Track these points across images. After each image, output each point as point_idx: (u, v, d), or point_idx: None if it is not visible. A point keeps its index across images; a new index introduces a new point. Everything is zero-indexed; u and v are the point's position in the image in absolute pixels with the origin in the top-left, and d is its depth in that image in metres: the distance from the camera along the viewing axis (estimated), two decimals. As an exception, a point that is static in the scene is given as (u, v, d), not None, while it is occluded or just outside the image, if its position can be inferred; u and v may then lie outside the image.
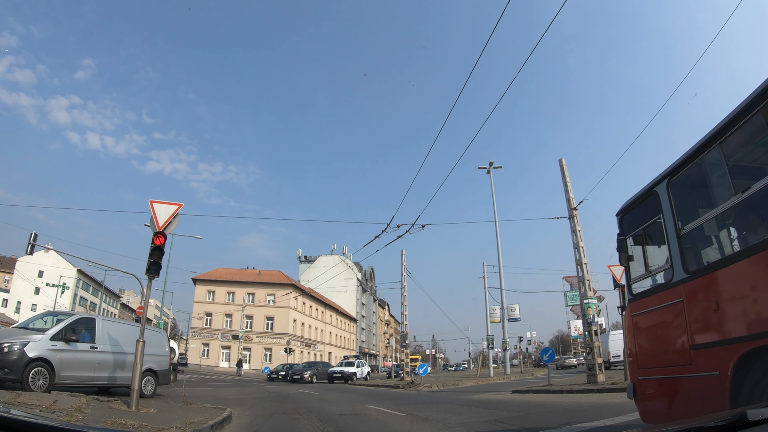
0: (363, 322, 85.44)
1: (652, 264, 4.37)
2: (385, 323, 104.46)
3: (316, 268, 74.13)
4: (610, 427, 6.40)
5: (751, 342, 2.92)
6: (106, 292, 74.40)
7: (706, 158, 3.59)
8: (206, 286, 54.18)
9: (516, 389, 15.81)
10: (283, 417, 9.41)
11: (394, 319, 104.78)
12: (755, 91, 3.03)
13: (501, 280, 27.34)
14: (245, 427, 7.70)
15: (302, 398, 14.79)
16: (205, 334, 52.53)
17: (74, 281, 64.08)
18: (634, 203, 4.57)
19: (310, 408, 11.06)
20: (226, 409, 8.68)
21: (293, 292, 55.25)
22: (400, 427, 7.90)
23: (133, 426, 5.81)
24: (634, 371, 4.49)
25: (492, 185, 26.43)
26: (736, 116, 3.19)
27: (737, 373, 2.99)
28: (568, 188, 16.61)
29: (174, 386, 13.39)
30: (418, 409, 10.57)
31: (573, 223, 16.22)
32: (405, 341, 28.76)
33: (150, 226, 8.21)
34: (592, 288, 16.53)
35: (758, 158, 3.38)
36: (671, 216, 3.86)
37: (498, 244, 26.53)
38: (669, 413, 3.85)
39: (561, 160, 17.20)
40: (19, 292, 60.85)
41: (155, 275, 8.01)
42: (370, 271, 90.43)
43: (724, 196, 3.41)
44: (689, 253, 3.77)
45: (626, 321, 4.74)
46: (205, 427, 6.50)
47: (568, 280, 52.23)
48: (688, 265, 3.68)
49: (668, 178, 3.94)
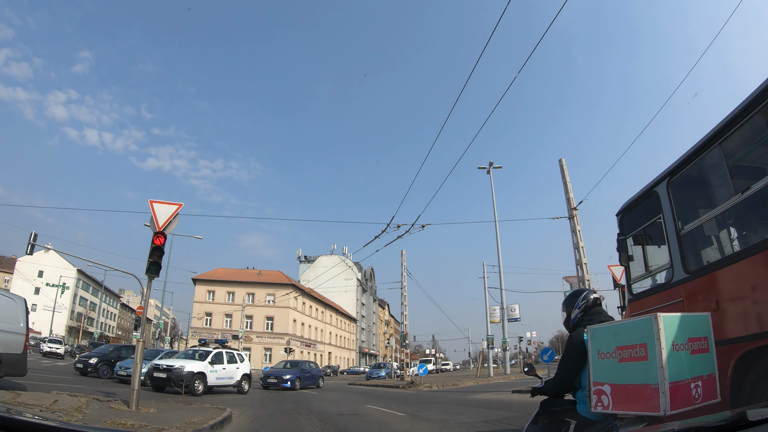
0: (363, 322, 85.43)
1: (652, 264, 4.38)
2: (385, 323, 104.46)
3: (316, 268, 74.13)
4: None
5: (750, 342, 2.92)
6: (106, 292, 74.39)
7: (706, 158, 3.59)
8: (206, 286, 54.17)
9: (516, 389, 15.81)
10: (283, 417, 9.41)
11: (394, 319, 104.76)
12: (755, 91, 3.03)
13: (501, 280, 27.33)
14: (245, 427, 7.70)
15: (302, 398, 14.80)
16: (205, 334, 52.32)
17: (74, 281, 64.02)
18: (634, 203, 4.56)
19: (310, 408, 11.07)
20: (226, 409, 8.68)
21: (293, 292, 55.25)
22: (400, 427, 7.90)
23: (132, 426, 5.81)
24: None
25: (492, 185, 26.41)
26: (736, 116, 3.19)
27: (737, 373, 2.99)
28: (568, 188, 16.62)
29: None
30: (418, 409, 10.57)
31: (573, 223, 16.23)
32: (405, 341, 28.77)
33: (150, 226, 8.22)
34: (592, 288, 16.53)
35: (758, 158, 3.38)
36: (671, 216, 3.86)
37: (498, 244, 26.51)
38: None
39: (561, 160, 17.22)
40: (18, 292, 60.46)
41: (155, 275, 8.02)
42: (370, 271, 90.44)
43: (724, 196, 3.41)
44: (689, 253, 3.77)
45: (626, 321, 4.73)
46: (205, 427, 6.50)
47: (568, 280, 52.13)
48: (688, 265, 3.69)
49: (668, 178, 3.94)
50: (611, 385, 2.53)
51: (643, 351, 2.41)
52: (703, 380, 2.50)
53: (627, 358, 2.49)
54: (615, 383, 2.52)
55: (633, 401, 2.43)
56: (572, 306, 3.08)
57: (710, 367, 2.57)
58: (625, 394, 2.46)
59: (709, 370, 2.56)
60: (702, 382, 2.50)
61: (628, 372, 2.47)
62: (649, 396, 2.34)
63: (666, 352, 2.35)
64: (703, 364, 2.54)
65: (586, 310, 3.02)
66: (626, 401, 2.46)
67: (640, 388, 2.40)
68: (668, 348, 2.38)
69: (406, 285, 28.03)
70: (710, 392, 2.52)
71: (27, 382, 9.88)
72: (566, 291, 52.56)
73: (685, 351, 2.47)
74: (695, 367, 2.49)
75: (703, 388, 2.48)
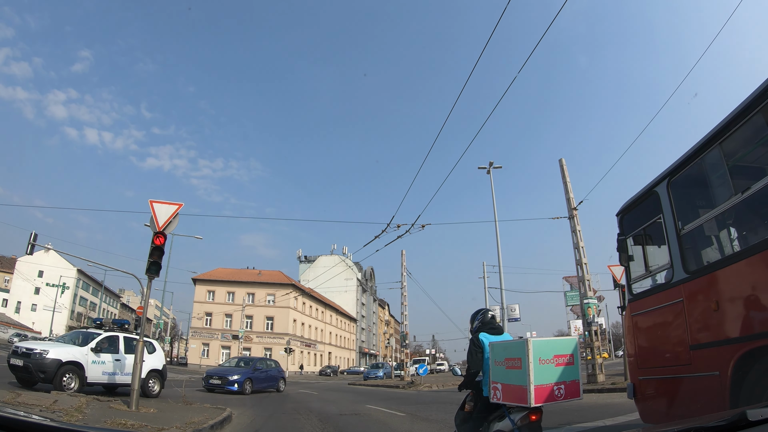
0: (363, 322, 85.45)
1: (652, 264, 4.37)
2: (385, 323, 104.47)
3: (316, 268, 74.13)
4: (610, 427, 6.41)
5: (751, 342, 2.92)
6: (106, 292, 74.42)
7: (706, 158, 3.59)
8: (206, 286, 54.16)
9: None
10: (283, 417, 9.42)
11: (394, 319, 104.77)
12: (755, 91, 3.03)
13: (501, 280, 27.25)
14: (245, 427, 7.71)
15: (302, 398, 14.80)
16: (205, 334, 52.51)
17: (74, 281, 64.04)
18: (635, 203, 4.56)
19: (310, 408, 11.07)
20: (226, 409, 8.69)
21: (293, 292, 55.25)
22: (400, 427, 7.90)
23: (133, 426, 5.81)
24: (634, 371, 4.49)
25: (492, 185, 26.33)
26: (736, 116, 3.19)
27: (737, 373, 2.98)
28: (568, 188, 16.61)
29: (174, 386, 13.38)
30: (418, 409, 10.58)
31: (573, 223, 16.22)
32: (405, 341, 28.77)
33: (150, 226, 8.22)
34: (592, 288, 16.53)
35: (758, 158, 3.38)
36: (671, 216, 3.86)
37: (498, 244, 26.41)
38: (669, 413, 3.85)
39: (561, 160, 17.21)
40: (19, 292, 60.81)
41: (155, 275, 8.02)
42: (370, 271, 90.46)
43: (724, 196, 3.41)
44: (689, 253, 3.77)
45: (626, 321, 4.73)
46: (205, 427, 6.51)
47: (568, 280, 52.17)
48: (688, 265, 3.68)
49: (668, 178, 3.93)
50: (502, 384, 3.66)
51: (519, 363, 3.47)
52: (566, 384, 3.54)
53: (511, 366, 3.56)
54: (504, 383, 3.63)
55: (514, 396, 3.51)
56: (474, 319, 4.42)
57: (574, 375, 3.61)
58: (510, 391, 3.56)
59: (573, 377, 3.60)
60: (565, 385, 3.53)
61: (511, 376, 3.54)
62: (522, 393, 3.41)
63: (533, 365, 3.39)
64: (567, 373, 3.56)
65: (484, 322, 4.32)
66: (510, 396, 3.55)
67: (518, 388, 3.46)
68: (535, 362, 3.40)
69: (406, 285, 28.02)
70: (573, 392, 3.57)
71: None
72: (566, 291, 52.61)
73: (550, 364, 3.50)
74: (559, 375, 3.51)
75: (566, 389, 3.52)
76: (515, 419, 3.56)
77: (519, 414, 3.54)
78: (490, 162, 26.62)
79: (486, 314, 4.41)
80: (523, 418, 3.51)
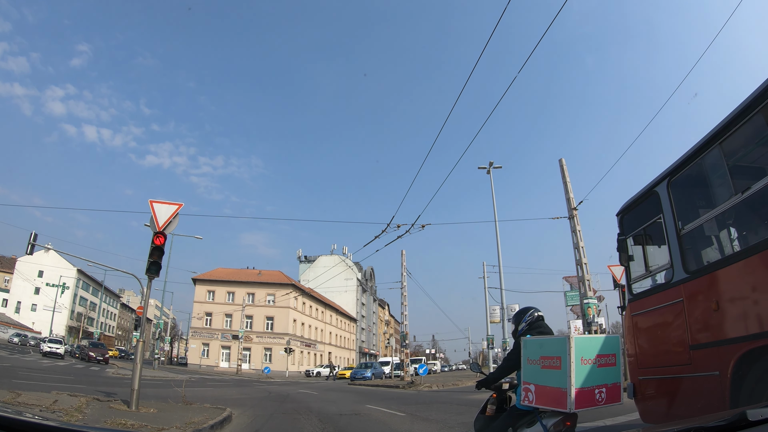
0: (363, 322, 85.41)
1: (652, 264, 4.37)
2: (385, 323, 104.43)
3: (316, 267, 74.10)
4: (610, 427, 6.40)
5: (751, 342, 2.92)
6: (106, 292, 74.41)
7: (706, 158, 3.59)
8: (206, 286, 54.14)
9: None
10: (284, 417, 9.41)
11: (394, 319, 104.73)
12: (755, 91, 3.03)
13: (501, 280, 27.28)
14: (245, 427, 7.70)
15: (302, 398, 14.79)
16: (205, 334, 52.49)
17: (74, 281, 64.02)
18: (635, 203, 4.56)
19: (310, 408, 11.06)
20: (226, 409, 8.68)
21: (293, 292, 55.22)
22: (400, 427, 7.90)
23: (133, 426, 5.81)
24: (634, 371, 4.49)
25: (492, 185, 26.33)
26: (736, 116, 3.19)
27: (737, 373, 2.99)
28: (568, 188, 16.61)
29: (174, 386, 13.39)
30: (418, 409, 10.58)
31: (573, 223, 16.22)
32: (405, 341, 28.75)
33: (150, 226, 8.21)
34: (592, 288, 16.53)
35: (758, 158, 3.38)
36: (671, 216, 3.86)
37: (498, 244, 26.43)
38: (669, 413, 3.85)
39: (561, 160, 17.20)
40: (19, 292, 60.81)
41: (155, 275, 8.02)
42: (370, 271, 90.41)
43: (724, 196, 3.41)
44: (689, 253, 3.77)
45: (626, 321, 4.73)
46: (205, 427, 6.50)
47: (568, 280, 52.11)
48: (688, 265, 3.68)
49: (668, 178, 3.93)
50: (535, 385, 3.26)
51: (558, 362, 3.10)
52: (607, 387, 3.18)
53: (547, 366, 3.19)
54: (538, 384, 3.25)
55: (549, 399, 3.12)
56: (520, 320, 3.94)
57: (615, 378, 3.23)
58: (544, 393, 3.18)
59: (614, 379, 3.23)
60: (606, 388, 3.17)
61: (547, 376, 3.17)
62: (560, 396, 3.03)
63: (574, 365, 3.01)
64: (609, 375, 3.20)
65: (531, 324, 3.84)
66: (545, 398, 3.16)
67: (555, 390, 3.08)
68: (577, 362, 3.03)
69: (406, 285, 27.95)
70: (614, 396, 3.20)
71: (27, 382, 9.88)
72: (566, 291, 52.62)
73: (592, 365, 3.13)
74: (601, 377, 3.15)
75: (606, 393, 3.15)
76: (548, 424, 3.18)
77: (552, 419, 3.17)
78: (490, 162, 26.61)
79: (533, 314, 3.90)
80: (557, 424, 3.13)
